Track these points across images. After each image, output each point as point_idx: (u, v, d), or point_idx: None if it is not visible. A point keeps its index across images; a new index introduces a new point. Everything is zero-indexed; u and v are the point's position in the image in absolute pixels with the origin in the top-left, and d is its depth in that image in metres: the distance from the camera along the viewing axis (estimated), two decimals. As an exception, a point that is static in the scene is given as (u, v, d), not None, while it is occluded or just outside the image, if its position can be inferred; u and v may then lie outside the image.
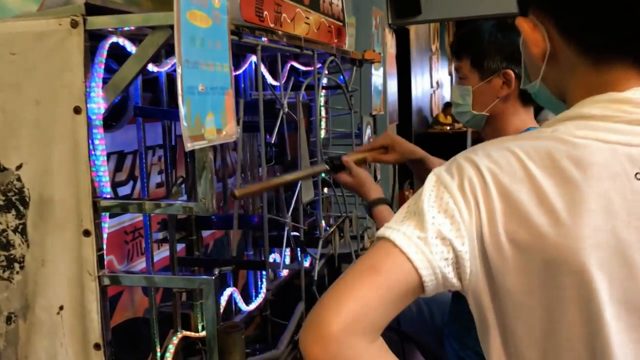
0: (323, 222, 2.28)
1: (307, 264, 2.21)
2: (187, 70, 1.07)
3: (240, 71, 2.06)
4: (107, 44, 1.26)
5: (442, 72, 10.66)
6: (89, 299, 1.21)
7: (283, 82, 1.94)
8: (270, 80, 2.12)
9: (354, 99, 2.47)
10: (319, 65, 2.07)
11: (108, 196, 1.25)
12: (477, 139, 1.93)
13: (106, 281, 1.23)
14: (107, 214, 1.28)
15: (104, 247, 1.26)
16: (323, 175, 2.05)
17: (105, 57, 1.26)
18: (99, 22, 1.16)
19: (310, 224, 2.35)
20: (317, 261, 1.98)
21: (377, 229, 1.46)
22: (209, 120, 1.16)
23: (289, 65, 2.16)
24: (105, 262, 1.29)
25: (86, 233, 1.19)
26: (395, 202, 5.24)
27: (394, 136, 1.66)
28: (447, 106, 8.97)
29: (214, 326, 1.20)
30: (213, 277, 1.18)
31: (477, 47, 1.41)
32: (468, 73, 1.42)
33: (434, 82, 9.78)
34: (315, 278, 1.92)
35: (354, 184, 1.52)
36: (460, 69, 1.45)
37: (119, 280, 1.24)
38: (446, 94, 10.89)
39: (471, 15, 5.36)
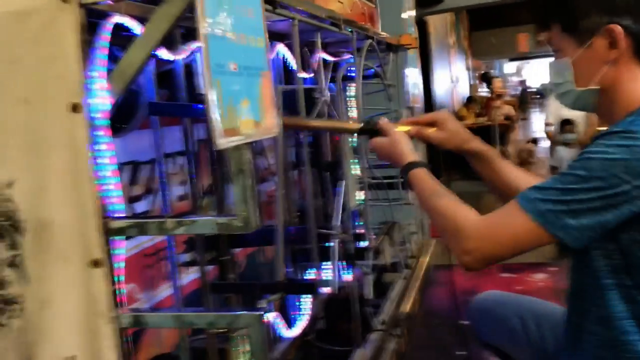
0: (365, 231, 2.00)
1: (348, 277, 1.94)
2: (215, 42, 0.81)
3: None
4: (108, 24, 1.00)
5: (460, 67, 10.38)
6: (104, 346, 0.99)
7: (316, 67, 1.67)
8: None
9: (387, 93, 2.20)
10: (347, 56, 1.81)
11: (120, 215, 0.99)
12: (503, 132, 1.64)
13: (125, 322, 0.97)
14: (123, 237, 1.02)
15: (120, 279, 1.00)
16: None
17: (109, 41, 1.01)
18: (97, -7, 0.91)
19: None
20: (369, 275, 1.71)
21: (415, 196, 1.22)
22: (244, 109, 0.89)
23: (317, 54, 1.89)
24: (124, 296, 1.04)
25: (95, 263, 0.95)
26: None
27: (448, 115, 1.39)
28: (469, 101, 8.77)
29: (264, 374, 0.93)
30: (260, 313, 0.91)
31: (566, 5, 1.10)
32: (561, 42, 1.11)
33: (453, 77, 9.50)
34: (369, 297, 1.64)
35: (385, 144, 1.30)
36: (551, 41, 1.14)
37: (141, 321, 0.99)
38: (464, 89, 10.62)
39: (496, 1, 5.11)
